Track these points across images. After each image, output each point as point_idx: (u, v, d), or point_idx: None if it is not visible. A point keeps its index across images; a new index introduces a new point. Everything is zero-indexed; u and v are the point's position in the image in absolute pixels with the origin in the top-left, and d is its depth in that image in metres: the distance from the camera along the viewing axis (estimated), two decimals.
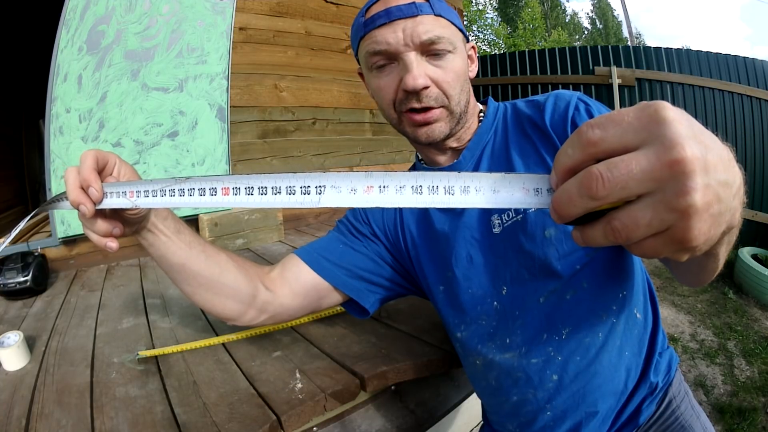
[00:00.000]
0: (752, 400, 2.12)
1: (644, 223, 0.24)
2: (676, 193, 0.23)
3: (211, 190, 0.34)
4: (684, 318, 3.00)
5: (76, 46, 1.58)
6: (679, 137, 0.23)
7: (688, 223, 0.24)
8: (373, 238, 0.77)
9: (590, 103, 0.62)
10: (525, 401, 0.66)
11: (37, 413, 0.72)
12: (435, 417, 0.97)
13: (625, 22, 15.75)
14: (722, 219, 0.25)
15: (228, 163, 2.04)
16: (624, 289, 0.63)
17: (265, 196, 0.32)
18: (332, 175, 0.30)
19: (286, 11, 2.33)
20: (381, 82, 0.62)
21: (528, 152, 0.64)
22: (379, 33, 0.58)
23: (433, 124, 0.62)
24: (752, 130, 4.04)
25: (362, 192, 0.29)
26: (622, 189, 0.24)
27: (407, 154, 3.05)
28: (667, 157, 0.23)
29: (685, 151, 0.23)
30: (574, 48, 4.92)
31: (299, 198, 0.31)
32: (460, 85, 0.62)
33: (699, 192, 0.23)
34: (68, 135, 1.62)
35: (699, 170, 0.23)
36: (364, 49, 0.61)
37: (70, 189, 0.45)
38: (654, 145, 0.24)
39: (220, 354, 0.90)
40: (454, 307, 0.71)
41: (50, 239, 1.67)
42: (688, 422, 0.67)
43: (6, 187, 3.04)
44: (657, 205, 0.24)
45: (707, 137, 0.25)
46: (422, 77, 0.58)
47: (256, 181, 0.32)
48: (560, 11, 20.76)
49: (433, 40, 0.58)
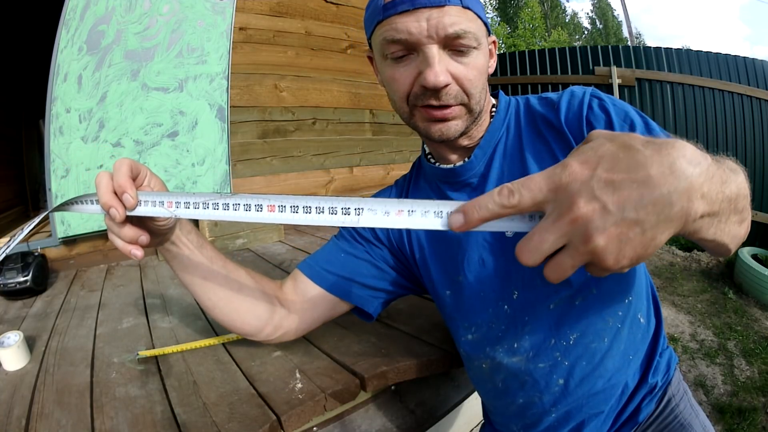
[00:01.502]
0: (752, 400, 2.12)
1: (569, 266, 0.31)
2: (582, 242, 0.29)
3: (257, 207, 0.37)
4: (684, 318, 3.00)
5: (76, 46, 1.58)
6: (575, 197, 0.29)
7: (600, 258, 0.30)
8: (375, 242, 0.76)
9: (604, 99, 0.60)
10: (531, 404, 0.67)
11: (37, 413, 0.72)
12: (435, 417, 0.97)
13: (625, 22, 15.76)
14: (660, 229, 0.30)
15: (228, 163, 2.04)
16: (630, 295, 0.64)
17: (309, 215, 0.35)
18: (369, 199, 0.35)
19: (286, 11, 2.34)
20: (396, 74, 0.57)
21: (543, 154, 0.62)
22: (400, 20, 0.53)
23: (449, 122, 0.58)
24: (752, 130, 4.04)
25: (394, 214, 0.34)
26: (543, 251, 0.31)
27: (407, 154, 3.05)
28: (566, 218, 0.29)
29: (578, 209, 0.29)
30: (574, 48, 4.93)
31: (340, 218, 0.34)
32: (482, 83, 0.58)
33: (601, 235, 0.29)
34: (68, 135, 1.62)
35: (596, 218, 0.29)
36: (381, 36, 0.56)
37: (102, 192, 0.46)
38: (557, 208, 0.30)
39: (220, 354, 0.90)
40: (463, 310, 0.70)
41: (50, 239, 1.68)
42: (687, 421, 0.67)
43: (6, 187, 3.04)
44: (573, 252, 0.30)
45: (617, 176, 0.29)
46: (444, 74, 0.53)
47: (301, 201, 0.35)
48: (560, 11, 20.77)
49: (459, 34, 0.53)
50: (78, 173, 1.66)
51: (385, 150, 2.94)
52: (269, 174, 2.32)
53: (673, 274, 3.72)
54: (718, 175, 0.33)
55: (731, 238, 0.41)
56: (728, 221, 0.38)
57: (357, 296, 0.75)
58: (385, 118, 2.90)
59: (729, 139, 4.15)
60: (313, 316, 0.75)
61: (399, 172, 2.84)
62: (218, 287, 0.66)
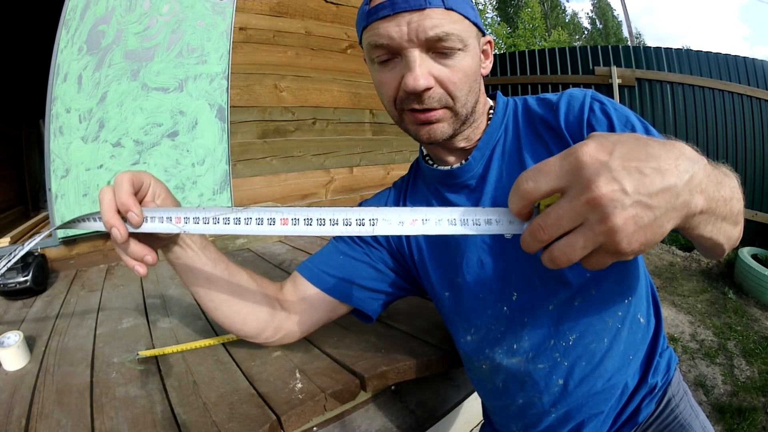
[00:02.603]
0: (752, 400, 2.12)
1: (579, 246, 0.31)
2: (598, 221, 0.30)
3: (270, 220, 0.36)
4: (684, 318, 3.00)
5: (76, 46, 1.58)
6: (594, 177, 0.30)
7: (615, 238, 0.30)
8: (374, 244, 0.76)
9: (605, 102, 0.60)
10: (531, 404, 0.67)
11: (37, 413, 0.72)
12: (435, 417, 0.97)
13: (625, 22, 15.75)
14: (667, 217, 0.31)
15: (228, 163, 2.04)
16: (629, 295, 0.64)
17: (323, 227, 0.35)
18: (383, 209, 0.35)
19: (286, 11, 2.33)
20: (383, 78, 0.58)
21: (541, 156, 0.61)
22: (382, 25, 0.54)
23: (434, 125, 0.58)
24: (752, 130, 4.04)
25: (409, 224, 0.35)
26: (559, 228, 0.31)
27: (407, 154, 3.05)
28: (584, 197, 0.30)
29: (599, 189, 0.29)
30: (574, 48, 4.93)
31: (355, 228, 0.34)
32: (468, 85, 0.57)
33: (619, 215, 0.29)
34: (68, 135, 1.62)
35: (616, 198, 0.29)
36: (366, 41, 0.57)
37: (105, 210, 0.45)
38: (575, 188, 0.31)
39: (220, 354, 0.90)
40: (462, 311, 0.70)
41: (50, 239, 1.67)
42: (687, 421, 0.67)
43: (6, 187, 3.04)
44: (586, 232, 0.31)
45: (630, 163, 0.30)
46: (424, 78, 0.53)
47: (315, 213, 0.35)
48: (560, 11, 20.76)
49: (440, 36, 0.52)
50: (78, 173, 1.66)
51: (385, 150, 2.93)
52: (269, 174, 2.32)
53: (673, 274, 3.72)
54: (713, 175, 0.36)
55: (726, 239, 0.43)
56: (724, 221, 0.40)
57: (356, 298, 0.75)
58: (385, 118, 2.90)
59: (729, 139, 4.15)
60: (312, 318, 0.75)
61: (399, 172, 2.85)
62: (220, 289, 0.66)
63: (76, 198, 1.67)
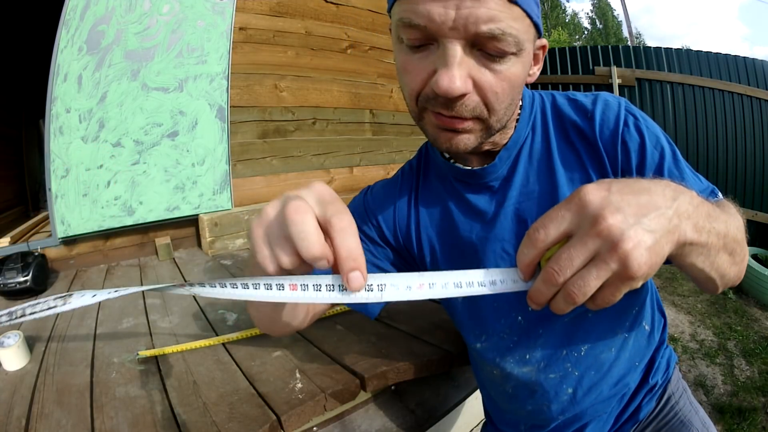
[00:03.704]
0: (752, 400, 2.12)
1: (593, 277, 0.32)
2: (609, 249, 0.31)
3: (278, 286, 0.35)
4: (684, 318, 3.00)
5: (76, 46, 1.58)
6: (599, 210, 0.32)
7: (626, 263, 0.31)
8: (380, 241, 0.73)
9: (638, 117, 0.56)
10: (539, 411, 0.67)
11: (37, 413, 0.72)
12: (435, 417, 0.97)
13: (625, 22, 15.75)
14: (666, 240, 0.34)
15: (228, 163, 2.04)
16: (637, 305, 0.64)
17: (332, 293, 0.34)
18: (390, 275, 0.35)
19: (286, 11, 2.33)
20: (409, 64, 0.46)
21: (573, 165, 0.58)
22: (422, 0, 0.41)
23: (459, 135, 0.48)
24: (752, 130, 4.03)
25: (416, 288, 0.35)
26: (572, 267, 0.32)
27: (407, 155, 3.05)
28: (594, 230, 0.32)
29: (606, 220, 0.31)
30: (574, 48, 4.92)
31: (364, 295, 0.34)
32: (511, 97, 0.47)
33: (627, 241, 0.31)
34: (68, 135, 1.62)
35: (623, 226, 0.31)
36: (398, 14, 0.44)
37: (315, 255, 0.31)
38: (583, 225, 0.33)
39: (220, 354, 0.90)
40: (475, 318, 0.69)
41: (50, 239, 1.67)
42: (687, 417, 0.68)
43: (6, 187, 3.03)
44: (598, 262, 0.32)
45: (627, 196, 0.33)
46: (462, 80, 0.42)
47: (324, 279, 0.34)
48: (560, 11, 20.76)
49: (495, 34, 0.41)
50: (78, 173, 1.66)
51: (385, 150, 2.93)
52: (269, 174, 2.32)
53: (673, 274, 3.72)
54: (703, 208, 0.38)
55: (720, 276, 0.44)
56: (718, 256, 0.41)
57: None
58: (385, 118, 2.90)
59: (729, 139, 4.15)
60: (315, 310, 0.74)
61: None
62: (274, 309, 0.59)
63: (76, 198, 1.67)
